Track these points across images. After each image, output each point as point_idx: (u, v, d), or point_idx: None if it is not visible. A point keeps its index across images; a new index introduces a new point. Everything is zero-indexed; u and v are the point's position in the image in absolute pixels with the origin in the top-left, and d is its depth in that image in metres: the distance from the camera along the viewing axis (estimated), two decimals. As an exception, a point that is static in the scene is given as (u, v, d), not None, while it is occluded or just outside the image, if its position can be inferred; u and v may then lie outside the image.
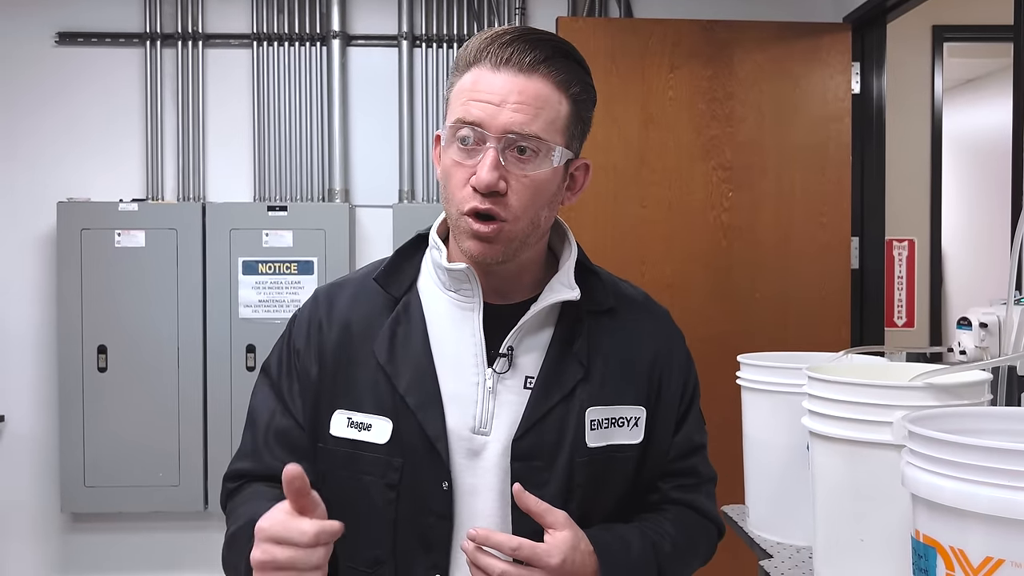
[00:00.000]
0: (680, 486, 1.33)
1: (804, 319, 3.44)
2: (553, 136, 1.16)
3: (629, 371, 1.27)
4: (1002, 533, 0.86)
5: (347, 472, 1.21)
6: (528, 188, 1.16)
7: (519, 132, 1.14)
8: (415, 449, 1.19)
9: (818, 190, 3.46)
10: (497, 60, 1.15)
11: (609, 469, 1.24)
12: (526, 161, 1.15)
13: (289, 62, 3.91)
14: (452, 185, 1.18)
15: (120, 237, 3.69)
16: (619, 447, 1.25)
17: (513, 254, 1.19)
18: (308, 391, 1.26)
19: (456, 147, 1.16)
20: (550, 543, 1.12)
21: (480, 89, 1.15)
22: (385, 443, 1.20)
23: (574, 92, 1.19)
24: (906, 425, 0.98)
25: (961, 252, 5.30)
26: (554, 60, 1.16)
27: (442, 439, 1.19)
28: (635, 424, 1.26)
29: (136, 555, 3.87)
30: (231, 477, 1.31)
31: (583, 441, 1.21)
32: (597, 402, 1.23)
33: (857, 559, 1.40)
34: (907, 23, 3.62)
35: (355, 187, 3.96)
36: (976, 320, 1.74)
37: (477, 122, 1.14)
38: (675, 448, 1.32)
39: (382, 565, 1.22)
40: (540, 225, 1.20)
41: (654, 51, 3.43)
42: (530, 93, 1.14)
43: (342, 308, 1.28)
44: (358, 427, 1.21)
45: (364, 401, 1.22)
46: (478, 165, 1.14)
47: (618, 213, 3.40)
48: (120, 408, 3.69)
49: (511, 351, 1.23)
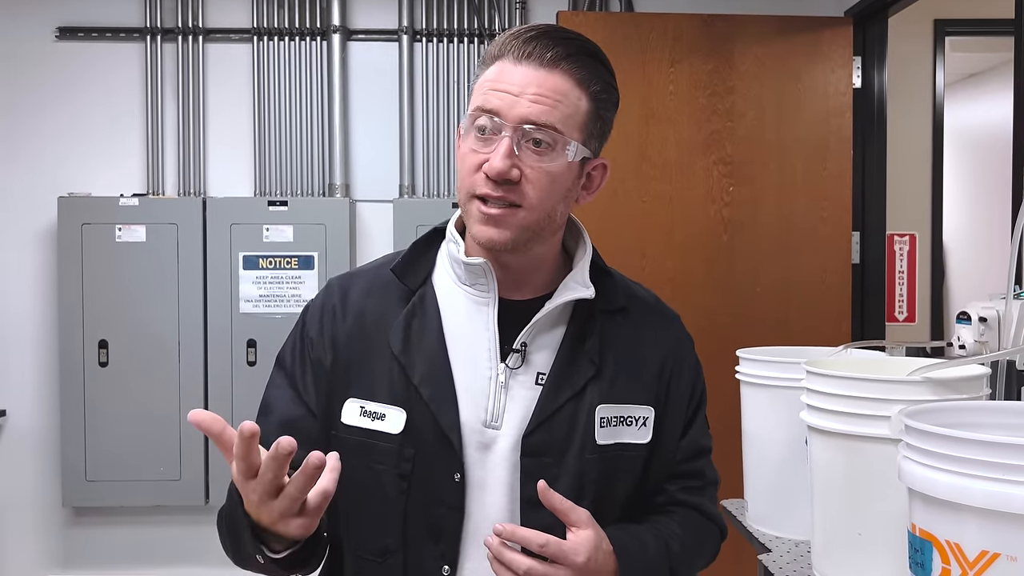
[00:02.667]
0: (686, 488, 1.34)
1: (805, 313, 3.43)
2: (570, 131, 1.17)
3: (639, 371, 1.28)
4: (997, 527, 0.85)
5: (359, 461, 1.21)
6: (543, 178, 1.17)
7: (535, 122, 1.15)
8: (428, 440, 1.20)
9: (819, 184, 3.46)
10: (520, 54, 1.17)
11: (618, 467, 1.25)
12: (541, 153, 1.16)
13: (289, 56, 3.91)
14: (465, 170, 1.19)
15: (121, 232, 3.69)
16: (627, 446, 1.26)
17: (524, 243, 1.20)
18: (322, 379, 1.26)
19: (474, 135, 1.18)
20: (575, 541, 1.12)
21: (501, 80, 1.16)
22: (399, 433, 1.20)
23: (594, 90, 1.20)
24: (902, 419, 0.98)
25: (963, 247, 5.29)
26: (577, 57, 1.18)
27: (455, 431, 1.20)
28: (643, 424, 1.27)
29: (137, 549, 3.88)
30: None
31: (592, 438, 1.22)
32: (607, 400, 1.24)
33: (855, 553, 1.40)
34: (908, 17, 3.61)
35: (355, 182, 3.96)
36: (975, 314, 1.74)
37: (495, 111, 1.15)
38: (682, 451, 1.33)
39: (391, 554, 1.22)
40: (555, 219, 1.21)
41: (654, 45, 3.42)
42: (549, 86, 1.15)
43: (356, 298, 1.29)
44: (371, 416, 1.22)
45: (378, 391, 1.23)
46: (492, 153, 1.15)
47: (619, 207, 3.40)
48: (121, 403, 3.69)
49: (524, 347, 1.23)
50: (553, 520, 1.14)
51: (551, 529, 1.13)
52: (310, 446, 1.18)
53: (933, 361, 1.42)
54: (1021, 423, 1.05)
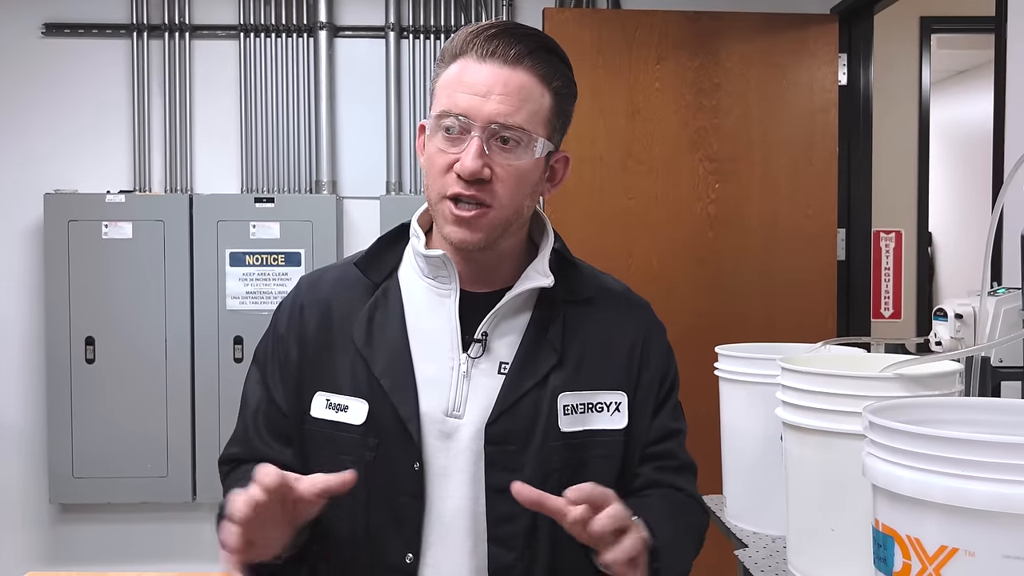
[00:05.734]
0: (660, 467, 1.33)
1: (790, 310, 3.44)
2: (536, 127, 1.20)
3: (606, 357, 1.30)
4: (956, 522, 0.86)
5: (327, 452, 1.24)
6: (512, 176, 1.19)
7: (503, 123, 1.17)
8: (389, 430, 1.22)
9: (804, 182, 3.47)
10: (483, 52, 1.18)
11: (588, 454, 1.26)
12: (509, 150, 1.19)
13: (276, 53, 3.90)
14: (435, 171, 1.21)
15: (107, 229, 3.69)
16: (599, 432, 1.27)
17: (495, 241, 1.23)
18: (289, 376, 1.29)
19: (441, 136, 1.20)
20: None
21: (466, 80, 1.18)
22: (361, 424, 1.23)
23: (556, 86, 1.23)
24: (866, 415, 0.99)
25: (952, 243, 5.31)
26: (538, 54, 1.20)
27: (414, 421, 1.22)
28: (616, 409, 1.28)
29: (124, 546, 3.87)
30: (224, 461, 1.36)
31: (556, 426, 1.24)
32: (571, 387, 1.26)
33: (828, 549, 1.41)
34: (894, 14, 3.62)
35: (342, 179, 3.96)
36: (952, 311, 1.75)
37: (463, 112, 1.17)
38: (653, 431, 1.33)
39: (356, 544, 1.24)
40: (522, 214, 1.24)
41: (641, 42, 3.43)
42: (514, 85, 1.18)
43: (323, 293, 1.32)
44: (336, 408, 1.25)
45: (342, 383, 1.26)
46: (462, 153, 1.17)
47: (604, 204, 3.41)
48: (108, 400, 3.69)
49: (485, 337, 1.25)
50: (520, 508, 1.12)
51: (517, 516, 1.15)
52: (283, 440, 1.27)
53: (907, 357, 1.42)
54: (985, 419, 1.05)
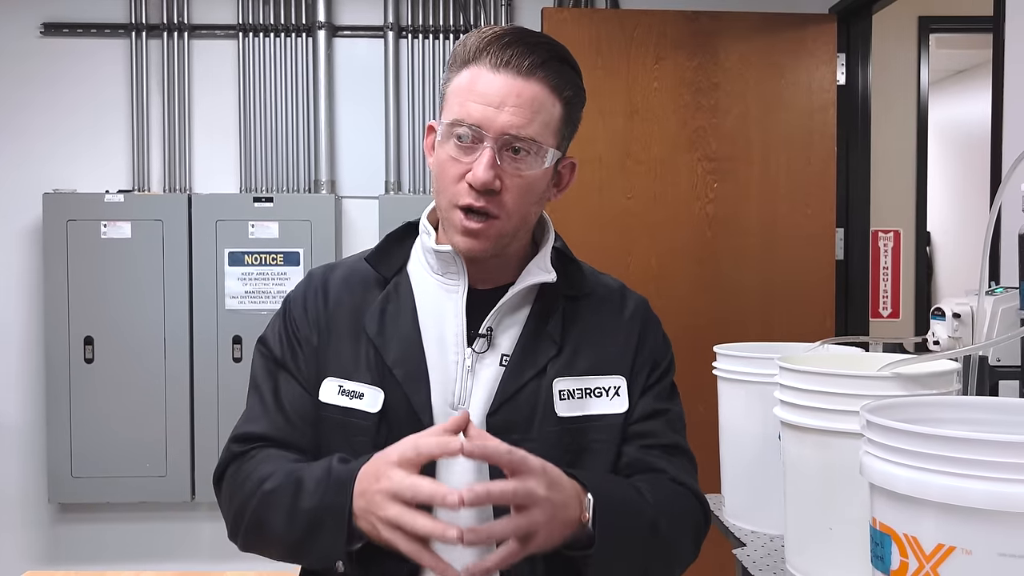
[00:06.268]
0: (645, 447, 1.31)
1: (789, 310, 3.45)
2: (546, 138, 1.22)
3: (603, 345, 1.32)
4: (953, 520, 0.86)
5: (339, 437, 1.25)
6: (521, 187, 1.21)
7: (515, 134, 1.19)
8: (401, 418, 1.24)
9: (803, 181, 3.47)
10: (497, 61, 1.19)
11: (588, 438, 1.27)
12: (520, 160, 1.21)
13: (275, 53, 3.90)
14: (446, 179, 1.23)
15: (106, 228, 3.69)
16: (598, 417, 1.28)
17: (502, 249, 1.26)
18: (312, 359, 1.30)
19: (453, 143, 1.21)
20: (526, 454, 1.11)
21: (479, 90, 1.19)
22: (377, 411, 1.24)
23: (567, 95, 1.24)
24: (863, 414, 0.99)
25: (950, 243, 5.32)
26: (550, 64, 1.21)
27: (426, 411, 1.24)
28: (616, 393, 1.30)
29: (123, 545, 3.87)
30: (240, 439, 1.30)
31: (552, 411, 1.25)
32: (567, 373, 1.28)
33: (826, 547, 1.41)
34: (893, 14, 3.63)
35: (341, 178, 3.96)
36: (949, 310, 1.75)
37: (476, 123, 1.19)
38: (638, 410, 1.32)
39: None
40: (529, 221, 1.28)
41: (639, 42, 3.43)
42: (527, 96, 1.19)
43: (335, 283, 1.34)
44: (350, 395, 1.26)
45: (355, 371, 1.27)
46: (475, 163, 1.19)
47: (603, 204, 3.41)
48: (107, 399, 3.69)
49: (490, 331, 1.28)
50: None
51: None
52: (308, 423, 1.27)
53: (905, 357, 1.42)
54: (983, 418, 1.05)
